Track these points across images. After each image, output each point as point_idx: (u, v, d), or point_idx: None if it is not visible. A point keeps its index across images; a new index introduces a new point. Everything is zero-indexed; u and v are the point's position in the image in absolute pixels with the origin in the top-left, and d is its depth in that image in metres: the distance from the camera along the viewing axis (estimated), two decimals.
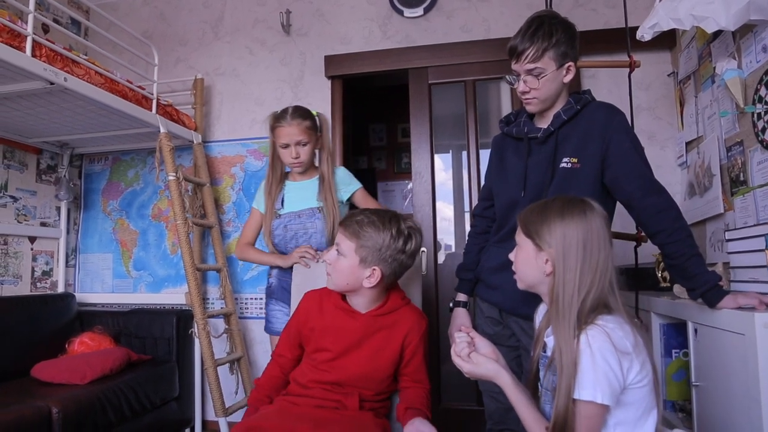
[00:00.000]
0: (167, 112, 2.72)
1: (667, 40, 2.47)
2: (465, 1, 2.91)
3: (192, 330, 2.61)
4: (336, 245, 1.47)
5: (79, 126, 2.61)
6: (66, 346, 2.56)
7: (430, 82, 2.96)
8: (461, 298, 1.69)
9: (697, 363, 1.61)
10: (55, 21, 3.05)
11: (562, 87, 1.47)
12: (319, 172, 2.08)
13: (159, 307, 3.02)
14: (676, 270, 1.40)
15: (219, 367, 2.53)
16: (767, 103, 1.68)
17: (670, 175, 2.53)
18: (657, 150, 2.61)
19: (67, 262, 3.17)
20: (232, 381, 2.76)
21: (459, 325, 1.60)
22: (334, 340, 1.48)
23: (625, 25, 2.09)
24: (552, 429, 1.05)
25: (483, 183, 1.76)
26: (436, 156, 3.00)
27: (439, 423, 1.45)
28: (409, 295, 1.65)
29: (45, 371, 2.30)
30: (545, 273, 1.13)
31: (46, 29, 2.80)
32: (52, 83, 1.98)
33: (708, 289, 1.35)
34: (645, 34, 1.93)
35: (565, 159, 1.44)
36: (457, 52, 2.87)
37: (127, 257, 3.20)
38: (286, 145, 1.99)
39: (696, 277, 1.36)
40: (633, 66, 2.05)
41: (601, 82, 2.72)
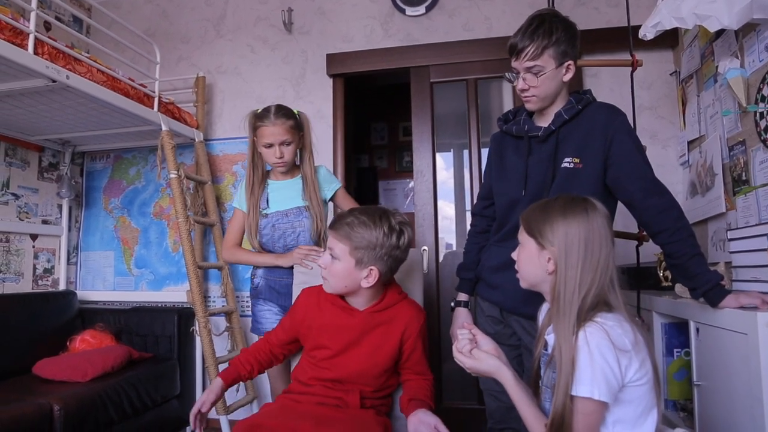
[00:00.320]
0: (169, 110, 2.72)
1: (670, 39, 2.46)
2: (467, 0, 2.91)
3: (193, 328, 2.62)
4: (329, 249, 1.46)
5: (81, 124, 2.61)
6: (67, 343, 2.56)
7: (431, 80, 2.96)
8: (462, 297, 1.69)
9: (699, 362, 1.60)
10: (57, 19, 3.05)
11: (561, 86, 1.47)
12: (302, 171, 2.05)
13: (160, 305, 3.03)
14: (677, 269, 1.40)
15: (220, 365, 2.53)
16: None
17: (672, 175, 2.53)
18: (659, 149, 2.61)
19: (69, 259, 3.17)
20: None
21: (460, 325, 1.60)
22: (333, 337, 1.49)
23: (628, 24, 2.09)
24: (550, 425, 1.06)
25: (482, 181, 1.76)
26: (437, 155, 3.00)
27: None
28: (411, 294, 1.65)
29: (46, 369, 2.31)
30: (548, 271, 1.14)
31: (48, 27, 2.80)
32: (54, 81, 1.99)
33: (710, 289, 1.35)
34: (647, 33, 1.92)
35: (567, 159, 1.43)
36: (459, 50, 2.87)
37: (129, 255, 3.20)
38: (269, 145, 1.95)
39: (698, 277, 1.36)
40: (635, 65, 2.04)
41: (603, 81, 2.71)
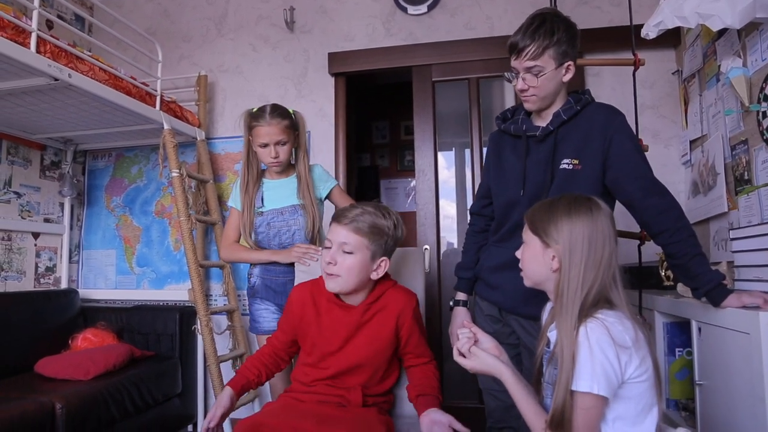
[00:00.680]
0: (171, 108, 2.72)
1: (672, 38, 2.46)
2: None
3: (195, 326, 2.62)
4: (341, 245, 1.44)
5: (83, 122, 2.61)
6: (69, 341, 2.56)
7: (433, 79, 2.95)
8: (461, 296, 1.69)
9: (701, 362, 1.60)
10: (60, 17, 3.05)
11: (561, 86, 1.47)
12: (296, 170, 2.06)
13: (162, 304, 3.03)
14: (679, 270, 1.40)
15: (222, 364, 2.54)
16: None
17: (673, 174, 2.53)
18: (661, 148, 2.60)
19: (71, 258, 3.18)
20: None
21: (460, 324, 1.60)
22: (331, 335, 1.50)
23: (630, 23, 2.08)
24: (550, 420, 1.06)
25: (480, 180, 1.75)
26: (439, 154, 3.00)
27: None
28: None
29: (48, 367, 2.31)
30: (552, 269, 1.15)
31: (50, 25, 2.80)
32: (56, 79, 1.99)
33: (712, 288, 1.35)
34: (650, 32, 1.92)
35: (566, 160, 1.43)
36: (461, 49, 2.87)
37: (131, 253, 3.21)
38: (265, 145, 1.96)
39: (699, 277, 1.36)
40: (637, 64, 2.04)
41: (605, 80, 2.71)
